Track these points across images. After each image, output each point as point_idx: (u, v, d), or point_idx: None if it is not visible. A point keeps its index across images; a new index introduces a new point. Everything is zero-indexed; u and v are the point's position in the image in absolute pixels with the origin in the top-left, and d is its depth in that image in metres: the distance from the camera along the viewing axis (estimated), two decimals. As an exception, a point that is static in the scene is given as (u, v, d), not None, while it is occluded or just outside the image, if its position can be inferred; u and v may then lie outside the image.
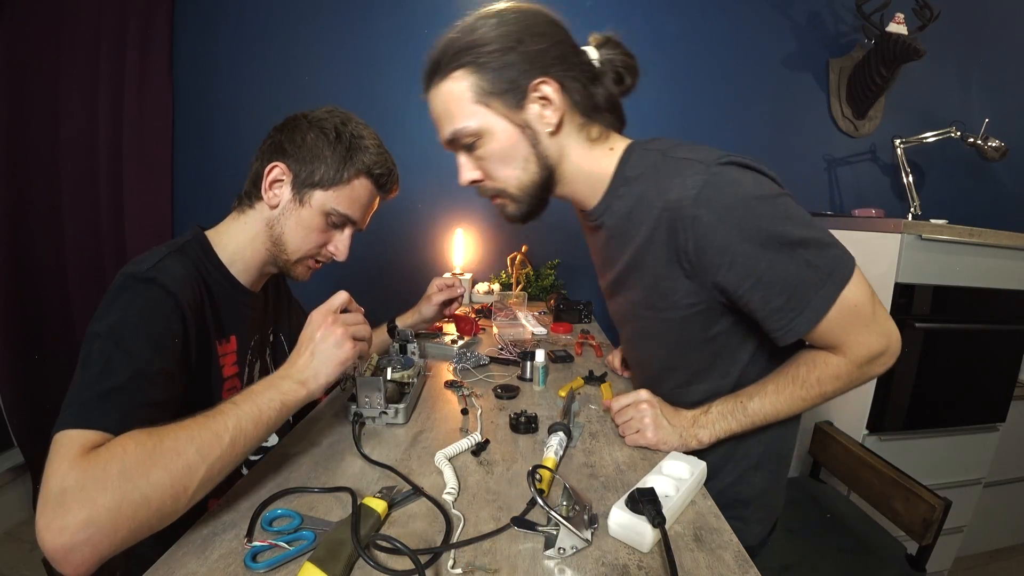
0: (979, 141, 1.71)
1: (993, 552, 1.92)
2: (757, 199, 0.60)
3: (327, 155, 0.75)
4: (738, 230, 0.60)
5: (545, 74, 0.65)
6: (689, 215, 0.61)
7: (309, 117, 0.77)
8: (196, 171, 1.83)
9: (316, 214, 0.77)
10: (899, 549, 1.05)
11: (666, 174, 0.64)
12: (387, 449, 0.70)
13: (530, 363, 1.00)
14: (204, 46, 1.77)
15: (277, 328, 0.95)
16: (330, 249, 0.82)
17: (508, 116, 0.67)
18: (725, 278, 0.63)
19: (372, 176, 0.79)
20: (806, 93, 1.99)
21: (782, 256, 0.60)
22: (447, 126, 0.69)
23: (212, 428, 0.53)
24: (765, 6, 1.92)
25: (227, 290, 0.77)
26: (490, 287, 1.81)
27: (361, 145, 0.77)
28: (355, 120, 0.80)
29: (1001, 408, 1.64)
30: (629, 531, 0.51)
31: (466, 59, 0.65)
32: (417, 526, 0.54)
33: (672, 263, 0.67)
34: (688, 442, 0.72)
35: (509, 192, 0.72)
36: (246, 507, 0.56)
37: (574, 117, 0.70)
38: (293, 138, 0.76)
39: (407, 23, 1.80)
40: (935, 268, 1.45)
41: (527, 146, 0.68)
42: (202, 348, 0.70)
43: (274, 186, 0.76)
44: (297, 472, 0.64)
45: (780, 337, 0.65)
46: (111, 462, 0.46)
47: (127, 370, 0.54)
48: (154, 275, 0.62)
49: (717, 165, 0.61)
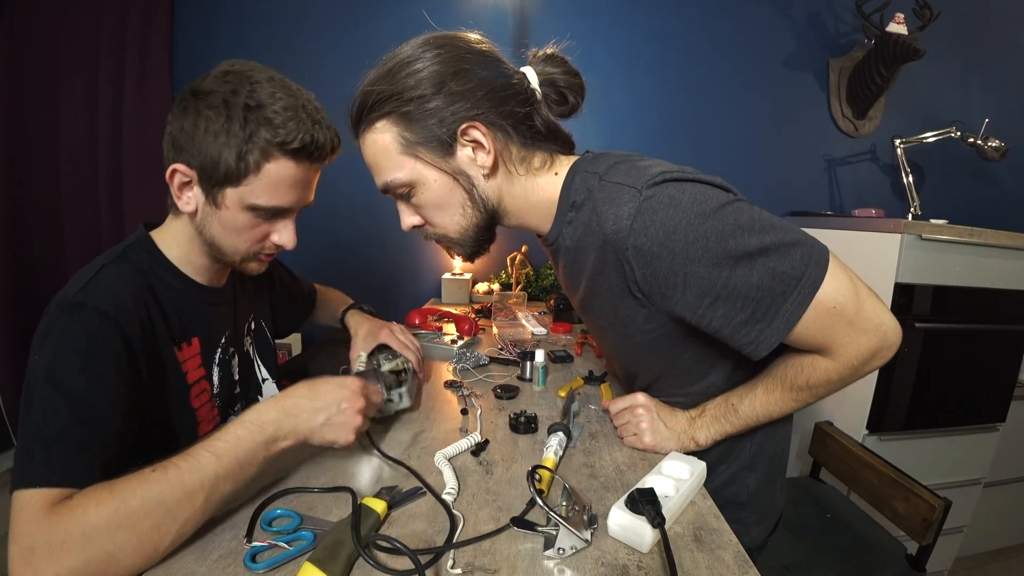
0: (979, 141, 1.71)
1: (993, 552, 1.92)
2: (700, 216, 0.54)
3: (222, 142, 0.60)
4: (684, 254, 0.55)
5: (473, 117, 0.61)
6: (627, 246, 0.57)
7: (196, 91, 0.62)
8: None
9: (238, 212, 0.65)
10: (899, 549, 1.05)
11: (602, 202, 0.60)
12: (387, 448, 0.70)
13: (530, 363, 1.00)
14: (204, 46, 1.77)
15: (259, 315, 0.91)
16: (274, 240, 0.70)
17: (438, 165, 0.63)
18: (681, 301, 0.58)
19: (288, 152, 0.63)
20: (806, 93, 1.99)
21: (739, 270, 0.55)
22: (378, 177, 0.66)
23: (186, 486, 0.49)
24: (765, 6, 1.91)
25: (181, 292, 0.70)
26: (490, 287, 1.81)
27: (261, 117, 0.61)
28: (252, 79, 0.62)
29: (1001, 408, 1.64)
30: (629, 531, 0.51)
31: (387, 108, 0.61)
32: (417, 526, 0.54)
33: (624, 293, 0.63)
34: (686, 444, 0.72)
35: (450, 237, 0.69)
36: (246, 507, 0.56)
37: (511, 152, 0.66)
38: (183, 126, 0.62)
39: (407, 23, 1.80)
40: (935, 268, 1.45)
41: (462, 192, 0.65)
42: (154, 362, 0.64)
43: (183, 190, 0.65)
44: (297, 472, 0.64)
45: (752, 352, 0.60)
46: (72, 525, 0.45)
47: (69, 414, 0.51)
48: (83, 299, 0.56)
49: (650, 187, 0.56)
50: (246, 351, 0.86)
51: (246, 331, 0.87)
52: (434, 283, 1.88)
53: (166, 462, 0.50)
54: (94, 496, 0.47)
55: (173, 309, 0.68)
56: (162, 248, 0.69)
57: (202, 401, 0.72)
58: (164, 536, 0.47)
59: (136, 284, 0.63)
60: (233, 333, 0.81)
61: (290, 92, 0.64)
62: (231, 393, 0.80)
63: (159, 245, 0.69)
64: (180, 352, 0.69)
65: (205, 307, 0.74)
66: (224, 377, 0.77)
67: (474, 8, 1.81)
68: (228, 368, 0.79)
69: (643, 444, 0.72)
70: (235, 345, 0.82)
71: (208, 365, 0.74)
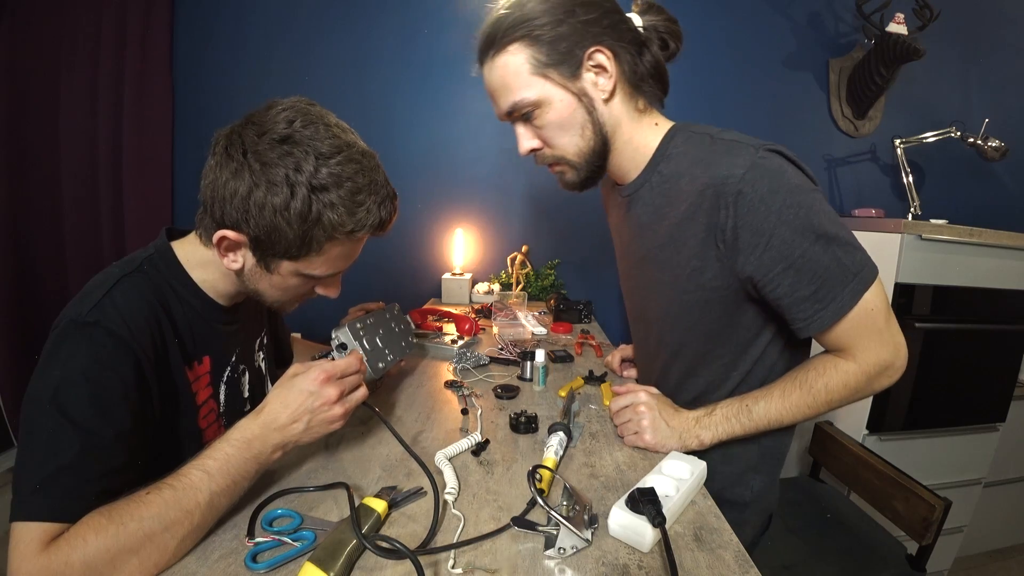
0: (979, 141, 1.71)
1: (993, 552, 1.92)
2: (797, 189, 0.62)
3: (282, 225, 0.58)
4: (778, 214, 0.61)
5: (598, 42, 0.68)
6: (734, 191, 0.62)
7: (255, 148, 0.57)
8: (196, 171, 1.81)
9: (290, 277, 0.65)
10: (899, 549, 1.05)
11: (715, 152, 0.66)
12: (387, 448, 0.70)
13: (530, 363, 1.00)
14: (204, 46, 1.77)
15: (272, 329, 0.90)
16: (319, 292, 0.71)
17: (565, 85, 0.69)
18: (759, 260, 0.63)
19: (351, 235, 0.62)
20: (806, 93, 1.99)
21: (816, 247, 0.61)
22: (505, 98, 0.70)
23: (183, 505, 0.48)
24: (765, 6, 1.91)
25: (197, 311, 0.67)
26: (490, 287, 1.81)
27: (327, 200, 0.58)
28: (317, 149, 0.58)
29: (1001, 408, 1.64)
30: (629, 531, 0.51)
31: (520, 32, 0.66)
32: (417, 526, 0.54)
33: (707, 242, 0.67)
34: (688, 443, 0.72)
35: (568, 159, 0.74)
36: (246, 508, 0.56)
37: (624, 86, 0.72)
38: (237, 189, 0.57)
39: (408, 23, 1.79)
40: (935, 268, 1.45)
41: (584, 113, 0.71)
42: (165, 383, 0.62)
43: (229, 252, 0.62)
44: (297, 472, 0.64)
45: (802, 328, 0.65)
46: (73, 555, 0.44)
47: (75, 445, 0.49)
48: (97, 318, 0.54)
49: (765, 150, 0.63)
50: (258, 367, 0.84)
51: (258, 347, 0.85)
52: (434, 283, 1.87)
53: (160, 483, 0.50)
54: (92, 524, 0.46)
55: (187, 328, 0.66)
56: (186, 266, 0.66)
57: (209, 421, 0.70)
58: (164, 554, 0.47)
59: (151, 302, 0.60)
60: (244, 351, 0.79)
61: (356, 163, 0.61)
62: (240, 411, 0.77)
63: (182, 262, 0.66)
64: (191, 371, 0.67)
65: (219, 326, 0.72)
66: (232, 395, 0.76)
67: (474, 8, 1.81)
68: (237, 386, 0.77)
69: (643, 443, 0.72)
70: (246, 362, 0.80)
71: (216, 384, 0.72)
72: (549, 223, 1.94)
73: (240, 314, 0.77)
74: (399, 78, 1.82)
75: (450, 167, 1.88)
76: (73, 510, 0.47)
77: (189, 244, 0.68)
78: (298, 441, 0.59)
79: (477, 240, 1.94)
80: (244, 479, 0.54)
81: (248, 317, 0.81)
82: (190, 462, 0.53)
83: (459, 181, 1.88)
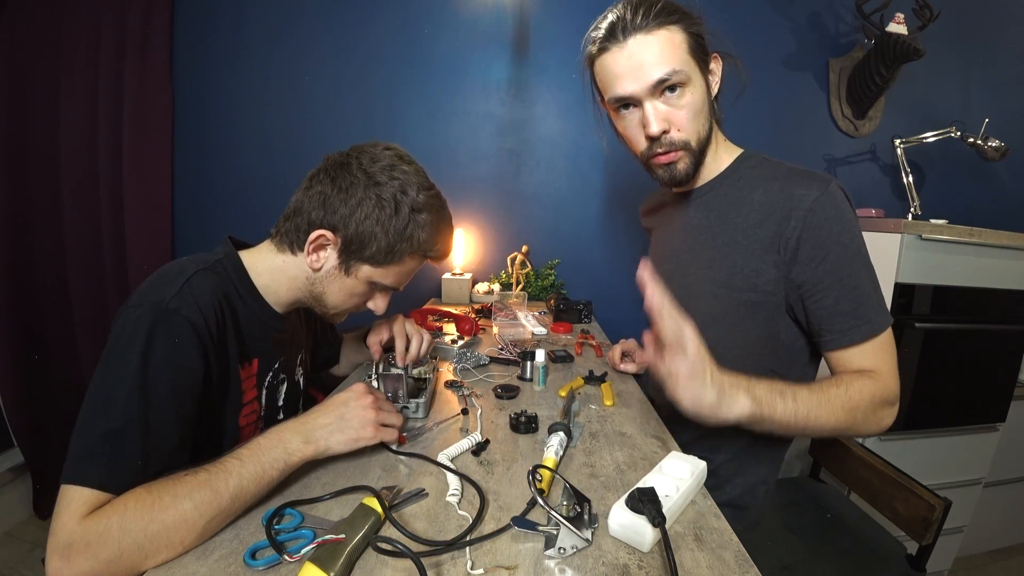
0: (979, 141, 1.70)
1: (993, 552, 1.92)
2: (854, 222, 0.72)
3: (379, 234, 0.69)
4: (837, 236, 0.70)
5: (715, 49, 0.79)
6: (806, 208, 0.71)
7: (367, 170, 0.70)
8: (196, 171, 1.83)
9: (362, 283, 0.74)
10: (899, 549, 1.05)
11: (792, 175, 0.76)
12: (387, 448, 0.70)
13: (530, 363, 1.00)
14: (204, 46, 1.77)
15: (317, 344, 0.95)
16: (370, 307, 0.80)
17: (703, 74, 0.77)
18: (813, 271, 0.71)
19: (427, 255, 0.76)
20: (806, 93, 1.99)
21: (862, 273, 0.70)
22: (661, 67, 0.73)
23: (213, 486, 0.52)
24: (765, 6, 1.91)
25: (256, 314, 0.73)
26: (490, 287, 1.81)
27: (420, 220, 0.71)
28: (415, 182, 0.71)
29: (1001, 408, 1.64)
30: (629, 531, 0.51)
31: (678, 17, 0.74)
32: (417, 527, 0.54)
33: (770, 248, 0.74)
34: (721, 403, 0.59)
35: (691, 144, 0.78)
36: (253, 511, 0.56)
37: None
38: (346, 199, 0.69)
39: (408, 23, 1.80)
40: (935, 268, 1.45)
41: (708, 104, 0.79)
42: (222, 377, 0.67)
43: (318, 251, 0.71)
44: (297, 472, 0.64)
45: (834, 339, 0.71)
46: (112, 519, 0.48)
47: (143, 422, 0.53)
48: (178, 306, 0.59)
49: (833, 185, 0.72)
50: (296, 380, 0.88)
51: (299, 361, 0.89)
52: (434, 283, 1.87)
53: (198, 467, 0.54)
54: (134, 495, 0.50)
55: (247, 328, 0.71)
56: (251, 272, 0.73)
57: (250, 420, 0.74)
58: (191, 531, 0.49)
59: (219, 300, 0.65)
60: (287, 361, 0.84)
61: (441, 200, 0.76)
62: (274, 418, 0.81)
63: (248, 269, 0.73)
64: (243, 370, 0.72)
65: (271, 332, 0.77)
66: (270, 401, 0.80)
67: (474, 8, 1.81)
68: (274, 393, 0.81)
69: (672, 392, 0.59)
70: (286, 372, 0.84)
71: (259, 386, 0.77)
72: (549, 223, 1.94)
73: (290, 324, 0.83)
74: (399, 78, 1.82)
75: (450, 167, 1.88)
76: (121, 482, 0.51)
77: (257, 252, 0.76)
78: (328, 440, 0.62)
79: (477, 240, 1.94)
80: (272, 469, 0.57)
81: (294, 331, 0.86)
82: (227, 454, 0.56)
83: (459, 181, 1.88)
